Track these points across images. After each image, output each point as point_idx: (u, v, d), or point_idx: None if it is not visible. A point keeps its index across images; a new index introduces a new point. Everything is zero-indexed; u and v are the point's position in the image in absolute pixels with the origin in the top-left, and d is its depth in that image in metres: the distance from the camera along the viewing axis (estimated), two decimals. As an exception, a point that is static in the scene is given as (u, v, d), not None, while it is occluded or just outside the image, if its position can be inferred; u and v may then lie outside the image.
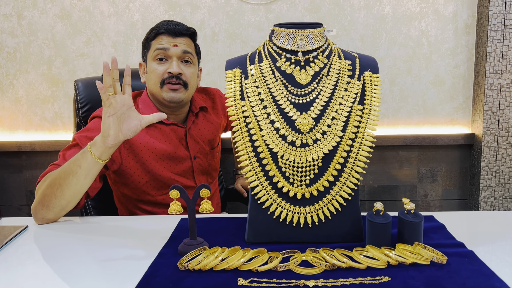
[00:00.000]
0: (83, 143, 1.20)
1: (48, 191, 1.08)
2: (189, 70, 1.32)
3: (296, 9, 2.02)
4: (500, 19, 1.93)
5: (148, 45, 1.34)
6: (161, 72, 1.29)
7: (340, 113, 0.96)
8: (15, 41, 2.05)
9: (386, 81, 2.08)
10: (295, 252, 0.88)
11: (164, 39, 1.29)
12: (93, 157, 1.06)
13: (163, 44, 1.29)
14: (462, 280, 0.77)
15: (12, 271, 0.86)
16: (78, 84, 1.50)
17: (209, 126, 1.44)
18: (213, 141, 1.45)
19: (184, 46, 1.30)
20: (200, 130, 1.42)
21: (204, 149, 1.42)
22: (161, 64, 1.30)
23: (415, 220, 0.88)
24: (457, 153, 2.13)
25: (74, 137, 1.23)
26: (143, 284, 0.78)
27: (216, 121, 1.47)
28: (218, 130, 1.48)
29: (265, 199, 0.95)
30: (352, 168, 0.95)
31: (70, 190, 1.08)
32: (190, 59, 1.32)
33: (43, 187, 1.10)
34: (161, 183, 1.33)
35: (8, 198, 2.16)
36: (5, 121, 2.12)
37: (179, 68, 1.29)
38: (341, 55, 1.02)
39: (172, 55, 1.29)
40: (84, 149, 1.08)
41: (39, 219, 1.11)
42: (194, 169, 1.39)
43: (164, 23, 1.31)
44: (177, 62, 1.29)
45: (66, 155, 1.19)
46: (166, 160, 1.33)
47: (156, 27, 1.32)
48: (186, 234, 0.98)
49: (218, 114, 1.50)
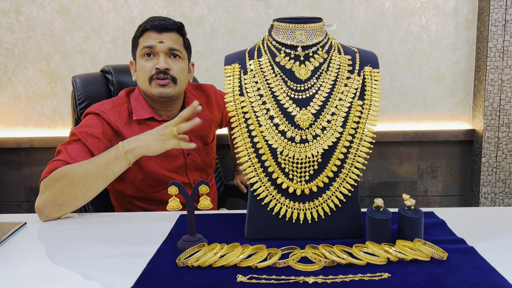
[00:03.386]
0: (86, 140, 1.20)
1: (66, 191, 1.08)
2: (178, 65, 1.31)
3: (296, 4, 2.01)
4: (501, 14, 1.91)
5: (136, 43, 1.33)
6: (149, 68, 1.29)
7: (340, 108, 0.96)
8: (13, 37, 2.04)
9: (386, 76, 2.07)
10: (294, 249, 0.87)
11: (150, 36, 1.29)
12: (128, 164, 1.12)
13: (149, 42, 1.28)
14: (463, 276, 0.77)
15: (11, 268, 0.86)
16: (76, 80, 1.49)
17: (202, 122, 1.42)
18: (206, 137, 1.44)
19: (170, 42, 1.29)
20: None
21: (196, 146, 1.40)
22: (148, 60, 1.29)
23: (415, 216, 0.87)
24: (457, 149, 2.13)
25: (74, 132, 1.22)
26: (142, 280, 0.78)
27: (209, 117, 1.46)
28: (211, 126, 1.47)
29: (264, 195, 0.95)
30: (352, 164, 0.95)
31: (95, 192, 1.11)
32: (178, 54, 1.31)
33: (57, 186, 1.08)
34: (156, 180, 1.32)
35: (7, 194, 2.16)
36: (3, 118, 2.12)
37: (166, 63, 1.28)
38: (341, 50, 1.01)
39: (159, 51, 1.28)
40: (115, 155, 1.11)
41: (44, 216, 1.10)
42: (187, 166, 1.38)
43: (150, 19, 1.31)
44: (164, 57, 1.28)
45: (68, 150, 1.18)
46: (159, 157, 1.32)
47: (142, 24, 1.31)
48: (185, 230, 0.98)
49: (212, 110, 1.49)
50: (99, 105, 1.31)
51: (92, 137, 1.22)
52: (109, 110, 1.28)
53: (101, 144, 1.23)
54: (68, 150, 1.18)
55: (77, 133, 1.22)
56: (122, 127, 1.28)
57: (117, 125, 1.27)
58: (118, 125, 1.27)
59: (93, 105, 1.32)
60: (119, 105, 1.32)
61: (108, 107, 1.29)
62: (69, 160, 1.16)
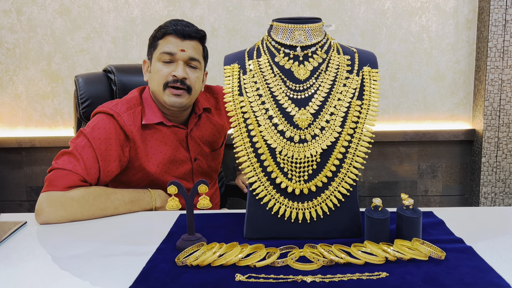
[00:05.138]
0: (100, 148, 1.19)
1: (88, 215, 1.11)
2: (195, 75, 1.27)
3: (296, 4, 2.01)
4: (501, 14, 1.91)
5: (155, 44, 1.28)
6: (165, 74, 1.25)
7: (339, 108, 0.96)
8: (15, 37, 2.05)
9: (386, 76, 2.07)
10: (293, 248, 0.88)
11: (171, 41, 1.24)
12: (152, 209, 1.21)
13: (170, 48, 1.24)
14: (460, 276, 0.77)
15: (11, 267, 0.86)
16: (78, 80, 1.49)
17: (211, 127, 1.41)
18: (214, 143, 1.42)
19: (191, 51, 1.25)
20: (201, 132, 1.38)
21: (204, 151, 1.39)
22: (166, 65, 1.25)
23: (414, 215, 0.87)
24: (457, 148, 2.13)
25: (86, 135, 1.19)
26: (141, 279, 0.78)
27: (219, 123, 1.43)
28: (221, 132, 1.44)
29: (263, 194, 0.95)
30: (351, 163, 0.95)
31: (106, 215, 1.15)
32: (196, 64, 1.28)
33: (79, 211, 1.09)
34: (161, 187, 1.30)
35: (8, 194, 2.17)
36: (5, 117, 2.12)
37: (184, 73, 1.24)
38: (340, 50, 1.02)
39: (179, 59, 1.25)
40: (145, 207, 1.19)
41: (43, 222, 1.08)
42: (193, 171, 1.37)
43: (173, 22, 1.26)
44: (183, 66, 1.25)
45: (84, 158, 1.16)
46: (166, 163, 1.30)
47: (164, 26, 1.26)
48: (185, 230, 0.98)
49: (221, 115, 1.46)
50: (113, 105, 1.26)
51: (105, 143, 1.19)
52: (124, 113, 1.24)
53: (113, 152, 1.21)
54: (84, 159, 1.15)
55: (89, 137, 1.18)
56: (136, 132, 1.25)
57: (131, 130, 1.24)
58: (132, 130, 1.24)
59: (106, 104, 1.27)
60: (133, 107, 1.27)
61: (123, 109, 1.25)
62: (86, 176, 1.14)
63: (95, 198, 1.12)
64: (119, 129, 1.23)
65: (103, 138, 1.20)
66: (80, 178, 1.14)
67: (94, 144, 1.18)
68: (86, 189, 1.13)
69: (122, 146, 1.23)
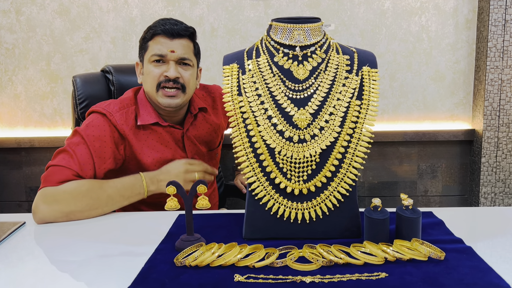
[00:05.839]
0: (94, 145, 1.19)
1: (83, 209, 1.10)
2: (188, 73, 1.27)
3: (296, 4, 2.01)
4: (501, 14, 1.91)
5: (145, 46, 1.28)
6: (157, 74, 1.25)
7: (338, 108, 0.96)
8: (14, 37, 2.05)
9: (386, 76, 2.07)
10: (292, 248, 0.87)
11: (161, 41, 1.24)
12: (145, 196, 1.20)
13: (160, 50, 1.24)
14: (460, 276, 0.77)
15: (10, 267, 0.86)
16: (76, 80, 1.49)
17: (207, 127, 1.40)
18: (211, 142, 1.42)
19: (181, 50, 1.25)
20: (198, 132, 1.38)
21: (201, 151, 1.39)
22: (157, 66, 1.25)
23: (413, 216, 0.87)
24: (457, 149, 2.12)
25: (79, 133, 1.20)
26: (140, 280, 0.78)
27: (215, 122, 1.43)
28: (217, 132, 1.44)
29: (262, 195, 0.95)
30: (350, 163, 0.95)
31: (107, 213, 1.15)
32: (188, 63, 1.27)
33: (73, 204, 1.09)
34: None
35: (8, 194, 2.16)
36: (4, 118, 2.12)
37: (176, 72, 1.24)
38: (339, 50, 1.01)
39: (169, 59, 1.25)
40: (138, 191, 1.19)
41: (41, 220, 1.09)
42: None
43: (161, 22, 1.26)
44: (174, 66, 1.24)
45: (77, 155, 1.16)
46: (163, 164, 1.29)
47: (153, 26, 1.26)
48: (184, 230, 0.98)
49: (218, 115, 1.45)
50: (105, 105, 1.27)
51: (99, 140, 1.20)
52: (116, 112, 1.25)
53: (108, 149, 1.21)
54: (78, 155, 1.16)
55: (83, 135, 1.19)
56: (128, 131, 1.25)
57: (124, 129, 1.25)
58: (125, 129, 1.25)
59: (99, 104, 1.28)
60: (126, 107, 1.28)
61: (115, 109, 1.26)
62: (80, 172, 1.15)
63: (88, 189, 1.12)
64: (113, 127, 1.24)
65: (97, 136, 1.21)
66: (74, 173, 1.14)
67: (88, 141, 1.19)
68: (78, 181, 1.14)
69: (116, 144, 1.24)
